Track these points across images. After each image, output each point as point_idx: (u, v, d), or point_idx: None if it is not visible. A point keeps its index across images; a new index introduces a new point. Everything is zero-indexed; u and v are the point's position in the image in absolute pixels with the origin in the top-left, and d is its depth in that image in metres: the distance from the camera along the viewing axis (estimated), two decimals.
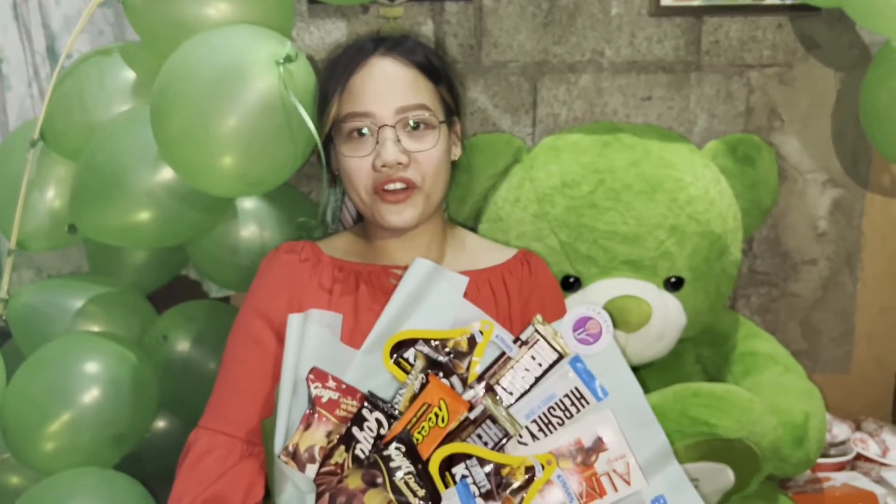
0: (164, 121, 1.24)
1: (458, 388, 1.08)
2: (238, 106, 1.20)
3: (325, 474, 1.01)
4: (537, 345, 1.10)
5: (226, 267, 1.48)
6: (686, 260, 1.30)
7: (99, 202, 1.34)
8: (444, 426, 1.03)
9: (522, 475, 1.02)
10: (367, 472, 1.00)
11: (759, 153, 1.41)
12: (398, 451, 1.00)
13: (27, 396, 1.36)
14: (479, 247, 1.28)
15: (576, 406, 1.08)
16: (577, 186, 1.31)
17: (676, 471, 1.09)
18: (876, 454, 1.57)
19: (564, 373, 1.09)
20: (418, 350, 1.09)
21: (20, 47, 1.71)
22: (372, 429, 1.03)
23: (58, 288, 1.53)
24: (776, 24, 1.59)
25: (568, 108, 1.61)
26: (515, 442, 1.07)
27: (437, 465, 1.01)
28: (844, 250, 1.68)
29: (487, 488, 1.01)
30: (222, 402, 1.13)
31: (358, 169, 1.13)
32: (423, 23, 1.58)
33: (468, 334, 1.11)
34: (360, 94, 1.13)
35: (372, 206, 1.14)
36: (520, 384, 1.09)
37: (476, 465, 1.02)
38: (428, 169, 1.14)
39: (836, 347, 1.72)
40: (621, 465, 1.06)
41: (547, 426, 1.08)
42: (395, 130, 1.12)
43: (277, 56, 1.21)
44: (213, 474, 1.07)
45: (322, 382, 1.04)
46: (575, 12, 1.58)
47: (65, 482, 1.33)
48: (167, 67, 1.26)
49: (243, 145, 1.21)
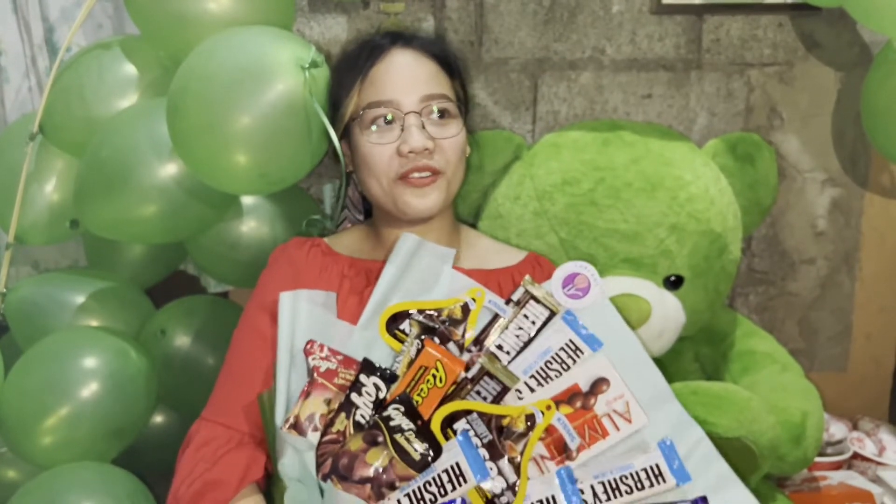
0: (183, 119, 1.25)
1: (455, 353, 1.09)
2: (260, 106, 1.21)
3: (328, 443, 1.01)
4: (529, 304, 1.12)
5: (224, 262, 1.48)
6: (686, 258, 1.30)
7: (103, 197, 1.34)
8: (443, 386, 1.04)
9: (523, 423, 1.02)
10: (367, 433, 1.00)
11: (760, 152, 1.41)
12: (398, 411, 1.01)
13: (25, 390, 1.36)
14: (489, 248, 1.28)
15: (571, 358, 1.09)
16: (577, 184, 1.31)
17: (678, 410, 1.09)
18: (872, 453, 1.58)
19: (559, 328, 1.10)
20: (413, 319, 1.10)
21: (18, 39, 1.71)
22: (370, 394, 1.03)
23: (56, 282, 1.53)
24: (777, 23, 1.58)
25: (568, 106, 1.61)
26: (515, 397, 1.07)
27: (438, 424, 1.02)
28: (843, 249, 1.69)
29: (489, 438, 1.01)
30: (225, 394, 1.14)
31: (381, 155, 1.14)
32: (424, 18, 1.58)
33: (461, 302, 1.12)
34: (384, 84, 1.14)
35: (393, 192, 1.14)
36: (514, 343, 1.10)
37: (477, 420, 1.03)
38: (452, 156, 1.15)
39: (833, 346, 1.72)
40: (620, 404, 1.06)
41: (545, 379, 1.08)
42: (421, 117, 1.13)
43: (303, 61, 1.22)
44: (209, 461, 1.08)
45: (319, 353, 1.05)
46: (576, 9, 1.57)
47: (62, 476, 1.33)
48: (187, 66, 1.26)
49: (264, 145, 1.22)
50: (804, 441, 1.25)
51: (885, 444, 1.59)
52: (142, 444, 1.48)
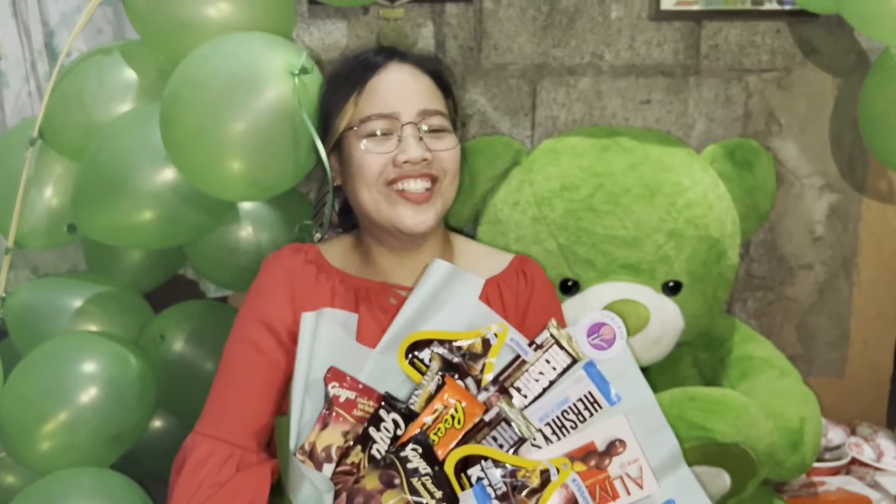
0: (175, 125, 1.24)
1: (473, 389, 1.09)
2: (251, 113, 1.20)
3: (342, 473, 1.01)
4: (552, 349, 1.11)
5: (224, 267, 1.48)
6: (684, 264, 1.30)
7: (101, 202, 1.34)
8: (460, 428, 1.04)
9: (538, 478, 1.03)
10: (384, 472, 1.00)
11: (758, 158, 1.41)
12: (415, 453, 1.01)
13: (24, 395, 1.36)
14: (476, 255, 1.27)
15: (589, 410, 1.09)
16: (575, 190, 1.31)
17: (685, 473, 1.10)
18: (871, 458, 1.58)
19: (578, 377, 1.10)
20: (434, 351, 1.10)
21: (18, 43, 1.71)
22: (389, 429, 1.03)
23: (55, 286, 1.53)
24: (775, 30, 1.59)
25: (567, 111, 1.61)
26: (529, 445, 1.07)
27: (452, 466, 1.02)
28: (841, 255, 1.69)
29: (503, 490, 1.01)
30: (220, 407, 1.12)
31: (376, 163, 1.12)
32: (424, 24, 1.58)
33: (483, 336, 1.11)
34: (382, 96, 1.14)
35: (387, 206, 1.13)
36: (534, 387, 1.10)
37: (491, 467, 1.03)
38: (449, 166, 1.15)
39: (831, 352, 1.72)
40: (634, 468, 1.07)
41: (560, 429, 1.09)
42: (418, 129, 1.13)
43: (293, 67, 1.22)
44: (212, 486, 1.05)
45: (339, 382, 1.04)
46: (575, 15, 1.58)
47: (61, 482, 1.33)
48: (179, 73, 1.26)
49: (256, 151, 1.22)
50: (802, 446, 1.25)
51: (884, 449, 1.59)
52: (141, 450, 1.47)
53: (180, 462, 1.09)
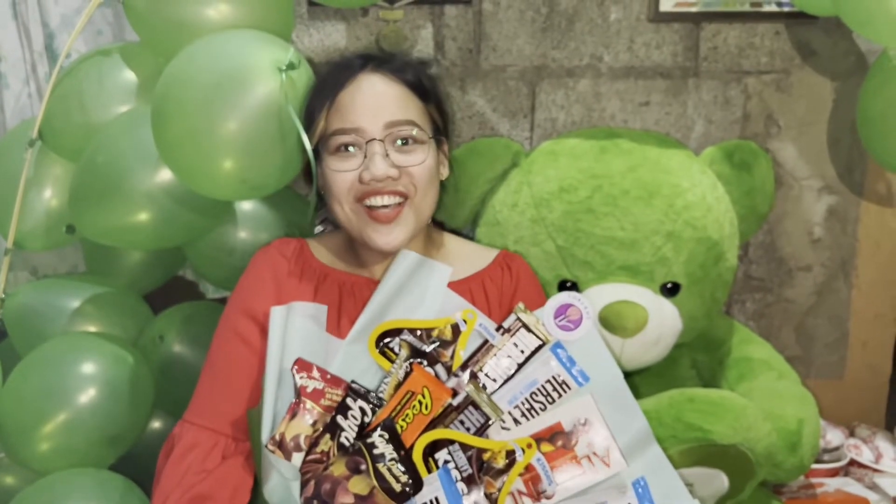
0: (166, 124, 1.25)
1: (443, 376, 1.09)
2: (240, 110, 1.20)
3: (311, 462, 1.03)
4: (519, 332, 1.12)
5: (223, 268, 1.48)
6: (682, 266, 1.31)
7: (98, 203, 1.35)
8: (428, 413, 1.04)
9: (503, 459, 1.04)
10: (351, 459, 1.02)
11: (756, 159, 1.41)
12: (382, 438, 1.02)
13: (23, 396, 1.36)
14: (461, 252, 1.27)
15: (557, 392, 1.09)
16: (574, 191, 1.32)
17: (656, 453, 1.10)
18: (869, 460, 1.58)
19: (546, 359, 1.11)
20: (403, 339, 1.11)
21: (18, 45, 1.72)
22: (356, 417, 1.05)
23: (54, 288, 1.53)
24: (774, 32, 1.59)
25: (566, 113, 1.62)
26: (499, 427, 1.08)
27: (420, 452, 1.03)
28: (839, 257, 1.69)
29: (469, 472, 1.03)
30: (207, 396, 1.14)
31: (343, 182, 1.12)
32: (423, 26, 1.58)
33: (452, 323, 1.12)
34: (349, 110, 1.13)
35: (358, 224, 1.14)
36: (503, 371, 1.11)
37: (458, 451, 1.04)
38: (419, 181, 1.13)
39: (829, 353, 1.73)
40: (601, 447, 1.07)
41: (529, 412, 1.09)
42: (384, 145, 1.11)
43: (280, 63, 1.21)
44: (198, 472, 1.08)
45: (307, 373, 1.06)
46: (574, 17, 1.58)
47: (60, 482, 1.33)
48: (169, 72, 1.26)
49: (244, 149, 1.22)
50: (800, 448, 1.25)
51: (882, 451, 1.60)
52: (139, 451, 1.47)
53: (168, 449, 1.12)
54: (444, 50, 1.59)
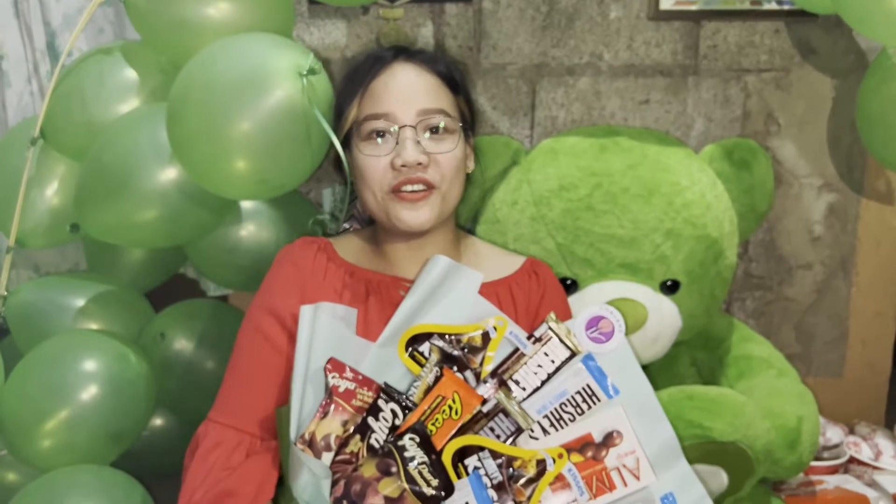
0: (183, 125, 1.26)
1: (472, 382, 1.09)
2: (259, 113, 1.22)
3: (340, 462, 1.02)
4: (550, 342, 1.12)
5: (224, 266, 1.49)
6: (682, 263, 1.31)
7: (104, 202, 1.35)
8: (458, 418, 1.04)
9: (534, 468, 1.03)
10: (381, 460, 1.01)
11: (756, 158, 1.41)
12: (412, 442, 1.02)
13: (25, 393, 1.36)
14: (486, 256, 1.28)
15: (587, 403, 1.10)
16: (574, 189, 1.32)
17: (685, 467, 1.10)
18: (869, 458, 1.58)
19: (577, 370, 1.11)
20: (433, 344, 1.10)
21: (20, 44, 1.72)
22: (387, 419, 1.04)
23: (56, 285, 1.54)
24: (773, 30, 1.59)
25: (566, 111, 1.62)
26: (527, 436, 1.08)
27: (450, 457, 1.03)
28: (839, 255, 1.69)
29: (499, 480, 1.02)
30: (231, 396, 1.14)
31: (375, 168, 1.14)
32: (423, 24, 1.59)
33: (482, 330, 1.12)
34: (382, 96, 1.15)
35: (386, 206, 1.15)
36: (532, 380, 1.10)
37: (488, 458, 1.04)
38: (447, 170, 1.15)
39: (829, 351, 1.73)
40: (631, 460, 1.07)
41: (558, 422, 1.09)
42: (416, 131, 1.13)
43: (301, 68, 1.23)
44: (223, 469, 1.08)
45: (339, 373, 1.05)
46: (574, 15, 1.58)
47: (62, 479, 1.33)
48: (187, 73, 1.27)
49: (265, 151, 1.24)
50: (799, 446, 1.25)
51: (882, 448, 1.60)
52: (141, 448, 1.48)
53: (193, 447, 1.12)
54: (444, 48, 1.59)
